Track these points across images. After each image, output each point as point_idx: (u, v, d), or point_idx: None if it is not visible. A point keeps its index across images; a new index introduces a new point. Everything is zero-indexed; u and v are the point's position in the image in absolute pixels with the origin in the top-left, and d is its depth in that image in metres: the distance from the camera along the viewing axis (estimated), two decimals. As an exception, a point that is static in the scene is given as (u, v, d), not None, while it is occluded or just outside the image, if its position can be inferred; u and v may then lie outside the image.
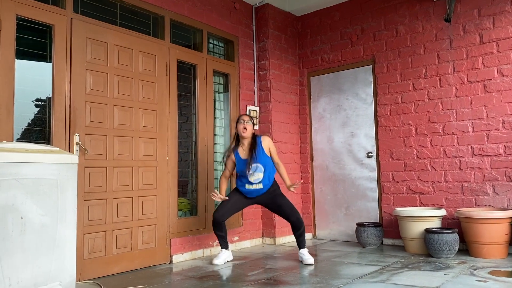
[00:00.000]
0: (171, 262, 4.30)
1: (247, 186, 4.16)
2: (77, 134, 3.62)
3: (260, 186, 4.15)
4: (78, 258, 3.51)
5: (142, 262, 4.05)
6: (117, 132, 3.92)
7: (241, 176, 4.18)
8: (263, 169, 4.12)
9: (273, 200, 4.23)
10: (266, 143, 4.21)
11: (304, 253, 4.17)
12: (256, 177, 4.11)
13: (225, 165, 4.33)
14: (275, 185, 4.27)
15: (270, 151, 4.22)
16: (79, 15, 3.74)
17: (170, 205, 4.35)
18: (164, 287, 3.39)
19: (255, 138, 4.21)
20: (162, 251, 4.24)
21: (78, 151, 3.62)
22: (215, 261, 4.15)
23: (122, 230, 3.91)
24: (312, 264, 4.05)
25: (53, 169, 2.74)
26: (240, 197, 4.24)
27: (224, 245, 4.26)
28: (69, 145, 3.57)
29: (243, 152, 4.21)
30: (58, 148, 2.91)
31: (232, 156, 4.25)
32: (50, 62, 3.55)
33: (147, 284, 3.47)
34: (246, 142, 4.21)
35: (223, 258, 4.20)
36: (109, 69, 3.91)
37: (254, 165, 4.10)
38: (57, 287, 2.72)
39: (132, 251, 3.98)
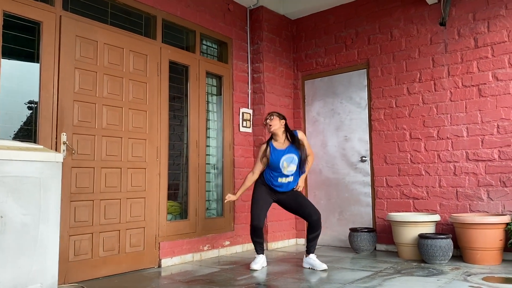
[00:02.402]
0: (159, 266, 4.21)
1: (279, 179, 4.03)
2: (64, 134, 3.55)
3: (291, 179, 4.05)
4: (63, 260, 3.43)
5: (130, 266, 3.96)
6: (105, 132, 3.85)
7: (273, 169, 4.04)
8: (297, 162, 4.03)
9: (295, 197, 4.11)
10: (301, 136, 4.17)
11: (314, 259, 4.04)
12: (290, 168, 4.02)
13: (257, 160, 4.20)
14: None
15: (303, 145, 4.15)
16: (69, 12, 3.68)
17: (159, 207, 4.27)
18: (150, 291, 3.30)
19: (291, 132, 4.15)
20: (151, 254, 4.15)
21: (65, 151, 3.54)
22: (253, 266, 4.03)
23: (110, 232, 3.83)
24: (326, 270, 3.90)
25: (36, 167, 2.67)
26: (266, 196, 4.09)
27: (261, 250, 4.15)
28: (56, 144, 3.49)
29: (278, 144, 4.11)
30: (42, 146, 2.84)
31: (267, 148, 4.10)
32: (38, 59, 3.48)
33: (133, 287, 3.38)
34: (279, 136, 4.12)
35: (260, 263, 4.08)
36: (98, 68, 3.84)
37: (291, 155, 4.02)
38: (38, 289, 2.63)
39: (119, 254, 3.89)
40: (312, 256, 4.07)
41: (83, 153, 3.68)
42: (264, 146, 4.15)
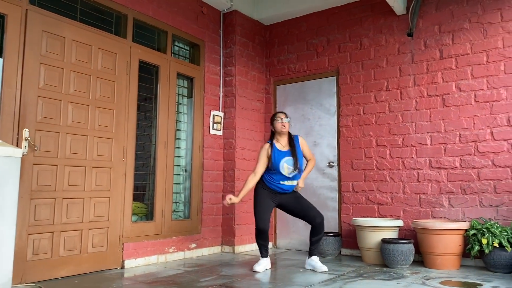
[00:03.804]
0: (123, 267, 4.15)
1: (281, 182, 4.05)
2: (27, 130, 3.47)
3: (295, 182, 4.10)
4: (21, 259, 3.35)
5: (92, 266, 3.89)
6: (70, 129, 3.79)
7: (273, 171, 4.05)
8: (293, 163, 4.07)
9: (297, 200, 4.13)
10: (301, 141, 4.23)
11: (316, 261, 4.08)
12: (291, 171, 4.05)
13: (259, 160, 4.12)
14: None
15: (303, 150, 4.21)
16: (36, 7, 3.62)
17: (124, 208, 4.21)
18: (110, 291, 3.25)
19: (291, 136, 4.21)
20: (114, 255, 4.09)
21: (26, 147, 3.46)
22: (256, 268, 4.04)
23: (71, 232, 3.75)
24: (326, 272, 3.95)
25: (-7, 161, 2.61)
26: (267, 200, 4.09)
27: (265, 253, 4.16)
28: (17, 140, 3.41)
29: (279, 145, 4.13)
30: (0, 141, 2.78)
31: (269, 149, 4.09)
32: (1, 53, 3.40)
33: (93, 288, 3.32)
34: (283, 137, 4.16)
35: (263, 266, 4.09)
36: (65, 64, 3.79)
37: (291, 158, 4.05)
38: (-10, 287, 2.56)
39: (81, 254, 3.81)
40: (314, 258, 4.12)
41: (46, 150, 3.61)
42: (267, 145, 4.13)
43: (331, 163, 5.33)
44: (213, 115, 5.39)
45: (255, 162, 5.11)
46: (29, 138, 3.48)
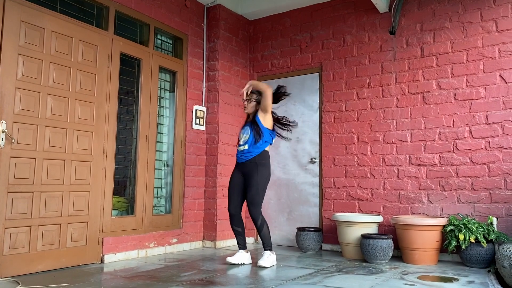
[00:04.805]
0: (102, 262, 4.11)
1: (238, 148, 4.19)
2: (4, 122, 3.40)
3: (246, 147, 4.08)
4: (-4, 253, 3.29)
5: (70, 261, 3.85)
6: (49, 122, 3.73)
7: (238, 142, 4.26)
8: (249, 133, 4.07)
9: (251, 174, 4.06)
10: (259, 114, 4.13)
11: (263, 254, 4.08)
12: (244, 138, 4.12)
13: None
14: (261, 159, 4.09)
15: (264, 118, 4.09)
16: (14, -4, 3.54)
17: (104, 202, 4.17)
18: (88, 285, 3.21)
19: (255, 115, 4.16)
20: (93, 250, 4.04)
21: (4, 139, 3.39)
22: (229, 259, 4.09)
23: (50, 226, 3.70)
24: (263, 267, 3.96)
25: (-33, 153, 2.55)
26: (235, 177, 4.19)
27: (242, 244, 4.19)
28: (-6, 132, 3.35)
29: (247, 120, 4.30)
30: (-25, 132, 2.72)
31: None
32: (-22, 43, 3.33)
33: (71, 282, 3.28)
34: (250, 115, 4.26)
35: (238, 258, 4.11)
36: (44, 56, 3.72)
37: (247, 128, 4.13)
38: (-37, 281, 2.51)
39: (59, 248, 3.76)
40: (263, 252, 4.12)
41: (24, 143, 3.54)
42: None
43: (313, 159, 5.36)
44: (196, 110, 5.36)
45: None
46: (6, 130, 3.41)
